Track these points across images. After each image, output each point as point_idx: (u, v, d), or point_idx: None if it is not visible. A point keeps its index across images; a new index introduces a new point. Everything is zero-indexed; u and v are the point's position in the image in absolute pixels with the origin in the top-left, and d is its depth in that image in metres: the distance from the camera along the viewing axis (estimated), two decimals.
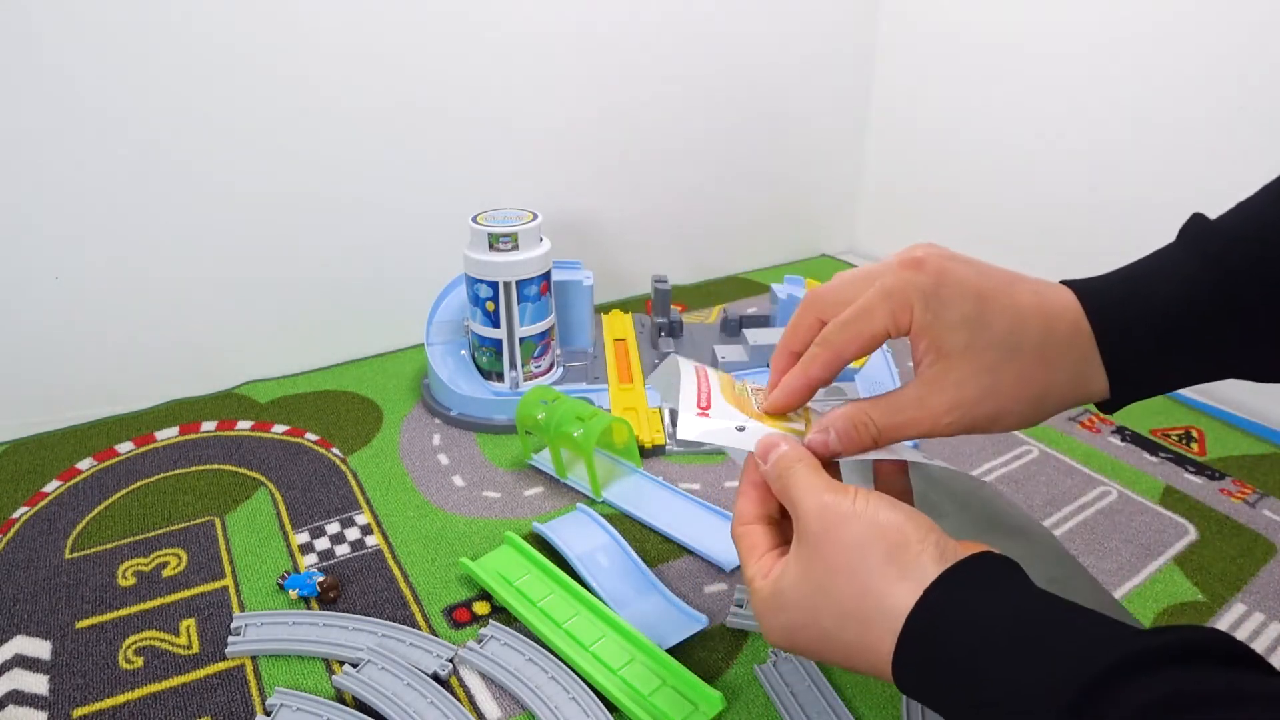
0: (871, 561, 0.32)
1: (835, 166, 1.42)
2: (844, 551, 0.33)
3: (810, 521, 0.34)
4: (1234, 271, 0.39)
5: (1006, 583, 0.31)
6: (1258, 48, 0.88)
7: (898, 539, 0.32)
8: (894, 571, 0.31)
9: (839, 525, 0.33)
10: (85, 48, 0.82)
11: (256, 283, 0.99)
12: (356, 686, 0.59)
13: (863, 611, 0.31)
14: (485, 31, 1.01)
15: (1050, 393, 0.40)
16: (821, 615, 0.32)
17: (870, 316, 0.42)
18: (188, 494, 0.81)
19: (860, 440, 0.42)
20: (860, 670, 0.33)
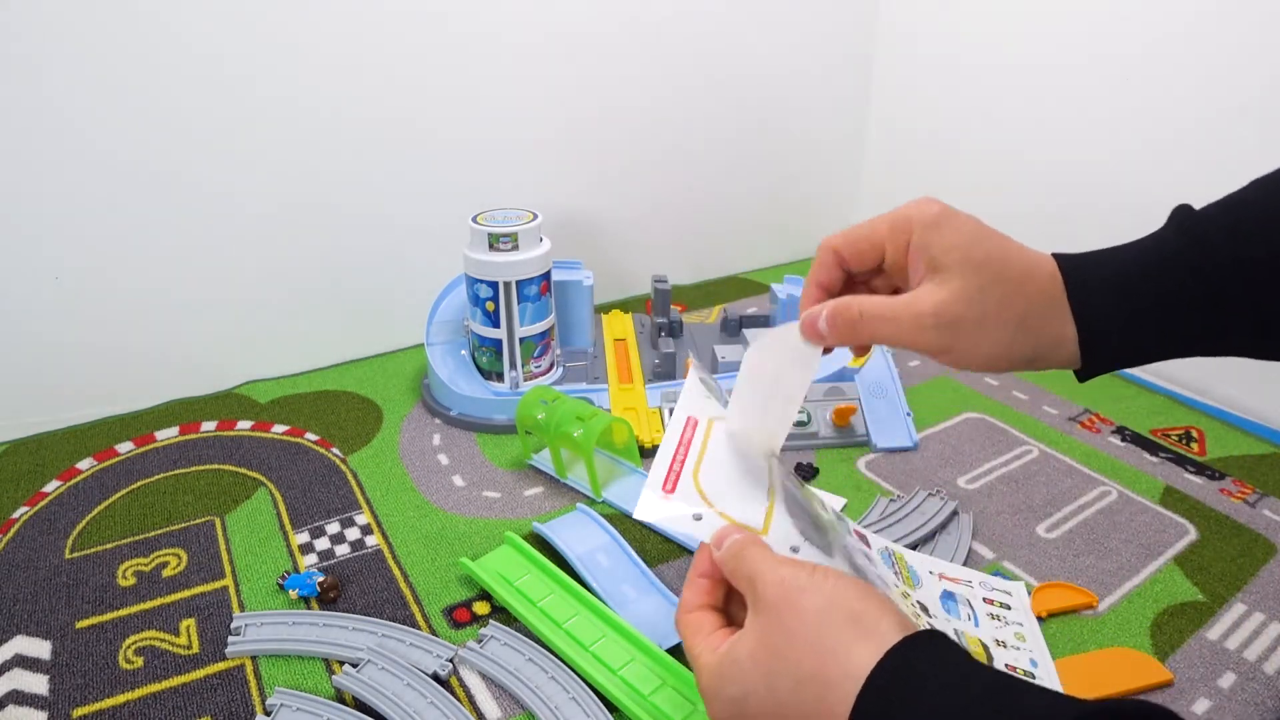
0: (833, 626, 0.32)
1: (834, 167, 1.42)
2: (804, 617, 0.33)
3: (770, 591, 0.34)
4: (1202, 239, 0.42)
5: (961, 655, 0.32)
6: (1255, 51, 0.88)
7: (858, 606, 0.33)
8: (854, 633, 0.32)
9: (799, 594, 0.34)
10: (86, 49, 0.82)
11: (256, 283, 0.99)
12: (356, 686, 0.59)
13: (823, 674, 0.31)
14: (485, 33, 1.01)
15: (1028, 323, 0.42)
16: (778, 680, 0.32)
17: (873, 229, 0.46)
18: (188, 494, 0.81)
19: (846, 318, 0.43)
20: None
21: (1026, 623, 0.63)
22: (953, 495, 0.81)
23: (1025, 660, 0.59)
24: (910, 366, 1.06)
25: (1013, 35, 1.13)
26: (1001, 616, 0.63)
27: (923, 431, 0.91)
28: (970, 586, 0.66)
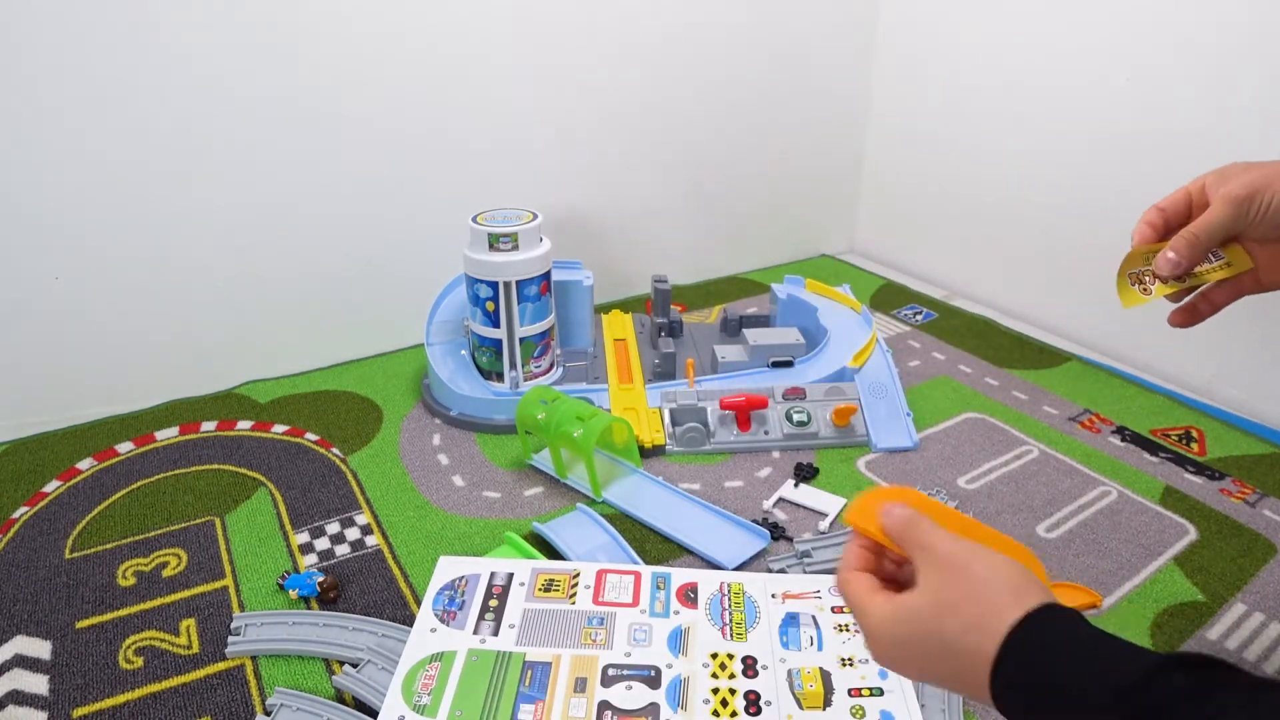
0: (996, 589, 0.40)
1: (835, 167, 1.42)
2: (974, 581, 0.40)
3: (945, 559, 0.42)
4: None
5: (1083, 621, 0.39)
6: (1256, 52, 0.88)
7: (1017, 579, 0.40)
8: (1012, 597, 0.39)
9: (971, 561, 0.41)
10: (86, 49, 0.82)
11: (256, 283, 0.99)
12: (356, 686, 0.59)
13: (984, 623, 0.39)
14: (486, 34, 1.01)
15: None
16: (946, 626, 0.40)
17: (1179, 192, 0.57)
18: (188, 494, 0.81)
19: (1185, 240, 0.54)
20: (960, 677, 0.40)
21: None
22: (953, 495, 0.81)
23: (874, 673, 0.59)
24: (910, 367, 1.06)
25: (1013, 36, 1.13)
26: (852, 625, 0.63)
27: (923, 431, 0.91)
28: (819, 597, 0.66)
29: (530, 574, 0.68)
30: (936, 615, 0.41)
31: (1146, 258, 0.57)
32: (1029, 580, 0.41)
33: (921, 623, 0.41)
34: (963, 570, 0.41)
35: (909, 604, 0.42)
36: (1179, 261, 0.55)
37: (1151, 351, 1.06)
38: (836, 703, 0.57)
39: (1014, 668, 0.38)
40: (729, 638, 0.62)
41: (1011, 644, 0.38)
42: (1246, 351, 0.97)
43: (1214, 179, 0.55)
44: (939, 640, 0.40)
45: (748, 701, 0.57)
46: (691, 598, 0.66)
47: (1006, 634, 0.38)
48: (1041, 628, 0.38)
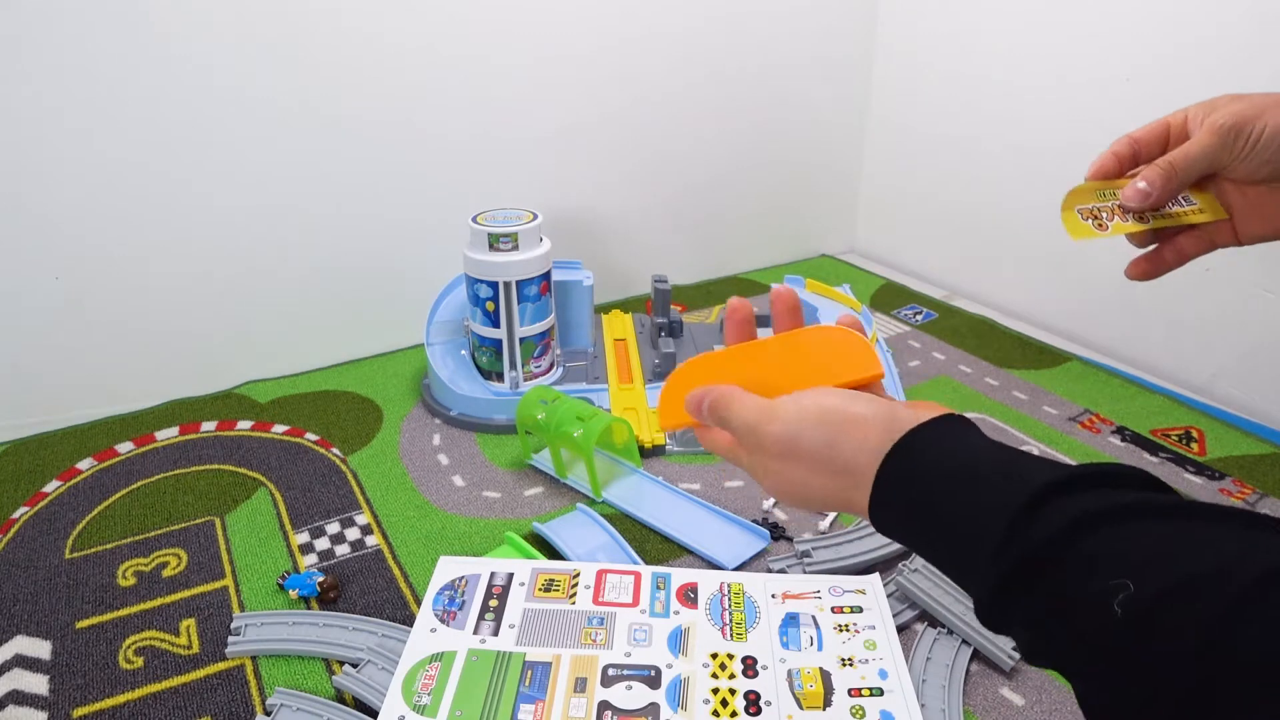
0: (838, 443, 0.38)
1: (835, 167, 1.42)
2: (813, 449, 0.39)
3: (773, 445, 0.40)
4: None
5: (956, 438, 0.36)
6: (1256, 52, 0.88)
7: (880, 420, 0.38)
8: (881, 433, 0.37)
9: (799, 437, 0.39)
10: (87, 50, 0.82)
11: (256, 283, 0.99)
12: (356, 686, 0.59)
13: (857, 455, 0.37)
14: (486, 34, 1.01)
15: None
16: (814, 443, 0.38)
17: (1157, 123, 0.53)
18: (188, 494, 0.81)
19: (1161, 170, 0.49)
20: (840, 495, 0.38)
21: (880, 623, 0.64)
22: None
23: (874, 673, 0.59)
24: (910, 367, 1.06)
25: (1013, 36, 1.13)
26: (852, 625, 0.63)
27: None
28: (819, 597, 0.66)
29: (530, 574, 0.68)
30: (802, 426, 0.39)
31: (1102, 193, 0.52)
32: (895, 415, 0.38)
33: (799, 420, 0.39)
34: (796, 448, 0.39)
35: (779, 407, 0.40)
36: (1149, 193, 0.49)
37: (1151, 351, 1.06)
38: (836, 703, 0.57)
39: (885, 489, 0.36)
40: (729, 638, 0.62)
41: (886, 466, 0.36)
42: (1246, 351, 0.97)
43: (1199, 109, 0.51)
44: (823, 450, 0.38)
45: (748, 701, 0.57)
46: (691, 598, 0.66)
47: (886, 453, 0.36)
48: (921, 441, 0.36)
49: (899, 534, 0.37)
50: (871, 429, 0.37)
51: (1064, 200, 0.51)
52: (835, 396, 0.40)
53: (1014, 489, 0.32)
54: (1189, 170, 0.49)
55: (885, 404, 0.39)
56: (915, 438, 0.36)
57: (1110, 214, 0.51)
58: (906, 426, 0.36)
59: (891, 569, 0.70)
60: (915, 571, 0.67)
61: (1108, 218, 0.51)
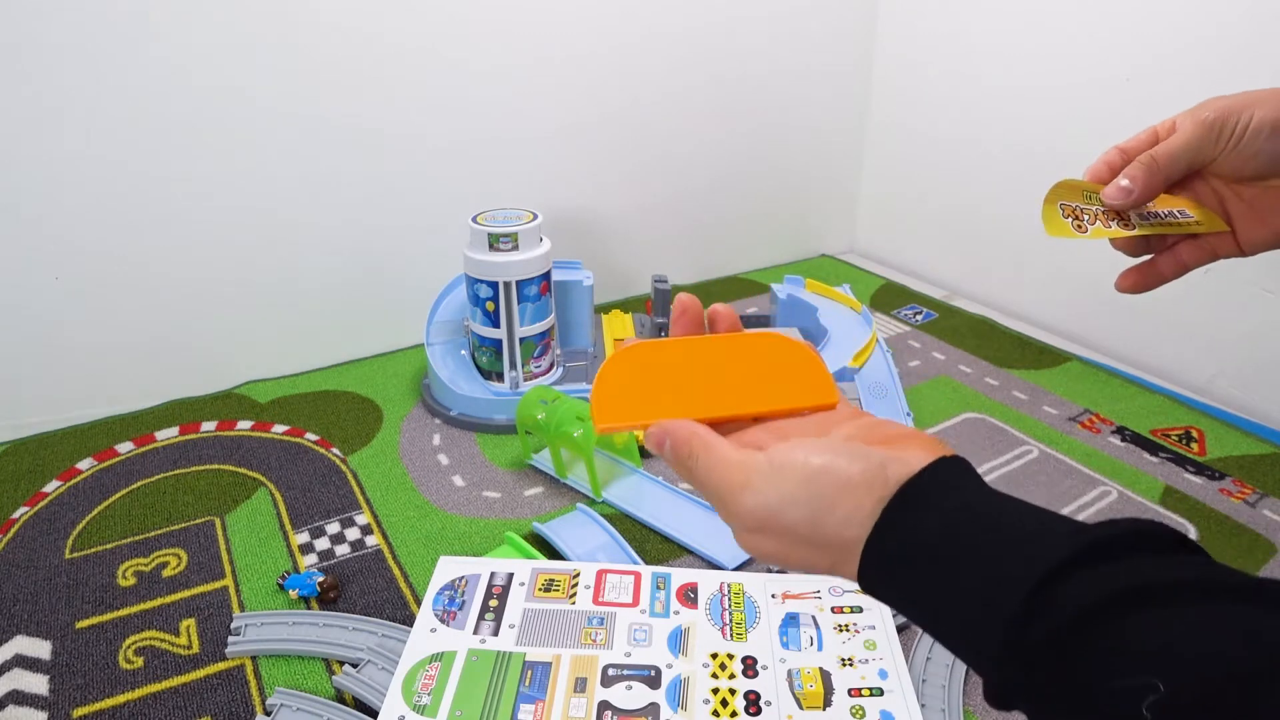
0: (825, 509, 0.33)
1: (835, 167, 1.42)
2: (798, 513, 0.34)
3: (751, 516, 0.35)
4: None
5: (953, 492, 0.33)
6: (1256, 52, 0.88)
7: (859, 478, 0.33)
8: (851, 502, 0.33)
9: (782, 511, 0.34)
10: (87, 52, 0.82)
11: (256, 283, 0.99)
12: (356, 686, 0.59)
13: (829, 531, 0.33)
14: (486, 34, 1.01)
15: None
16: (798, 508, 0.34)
17: (1144, 131, 0.50)
18: (188, 494, 0.81)
19: (1142, 165, 0.47)
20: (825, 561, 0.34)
21: (880, 623, 0.64)
22: None
23: (874, 673, 0.59)
24: (910, 367, 1.06)
25: (1013, 37, 1.13)
26: (852, 625, 0.63)
27: (923, 431, 0.91)
28: (819, 597, 0.66)
29: (530, 574, 0.68)
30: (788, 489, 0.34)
31: (1089, 194, 0.49)
32: (864, 474, 0.33)
33: (782, 486, 0.34)
34: (778, 516, 0.34)
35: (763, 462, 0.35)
36: (1131, 189, 0.47)
37: (1151, 351, 1.06)
38: (836, 703, 0.57)
39: (876, 563, 0.32)
40: (729, 638, 0.62)
41: (877, 536, 0.32)
42: (1246, 351, 0.97)
43: (1186, 112, 0.48)
44: (808, 519, 0.34)
45: (748, 701, 0.57)
46: (691, 598, 0.66)
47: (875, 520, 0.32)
48: (915, 502, 0.32)
49: (894, 604, 0.34)
50: (861, 497, 0.33)
51: (1049, 192, 0.49)
52: (817, 456, 0.34)
53: (1028, 559, 0.29)
54: (1172, 163, 0.47)
55: (873, 459, 0.34)
56: (908, 498, 0.32)
57: (1093, 217, 0.49)
58: (897, 484, 0.33)
59: None
60: None
61: (1089, 220, 0.49)
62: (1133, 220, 0.48)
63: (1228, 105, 0.46)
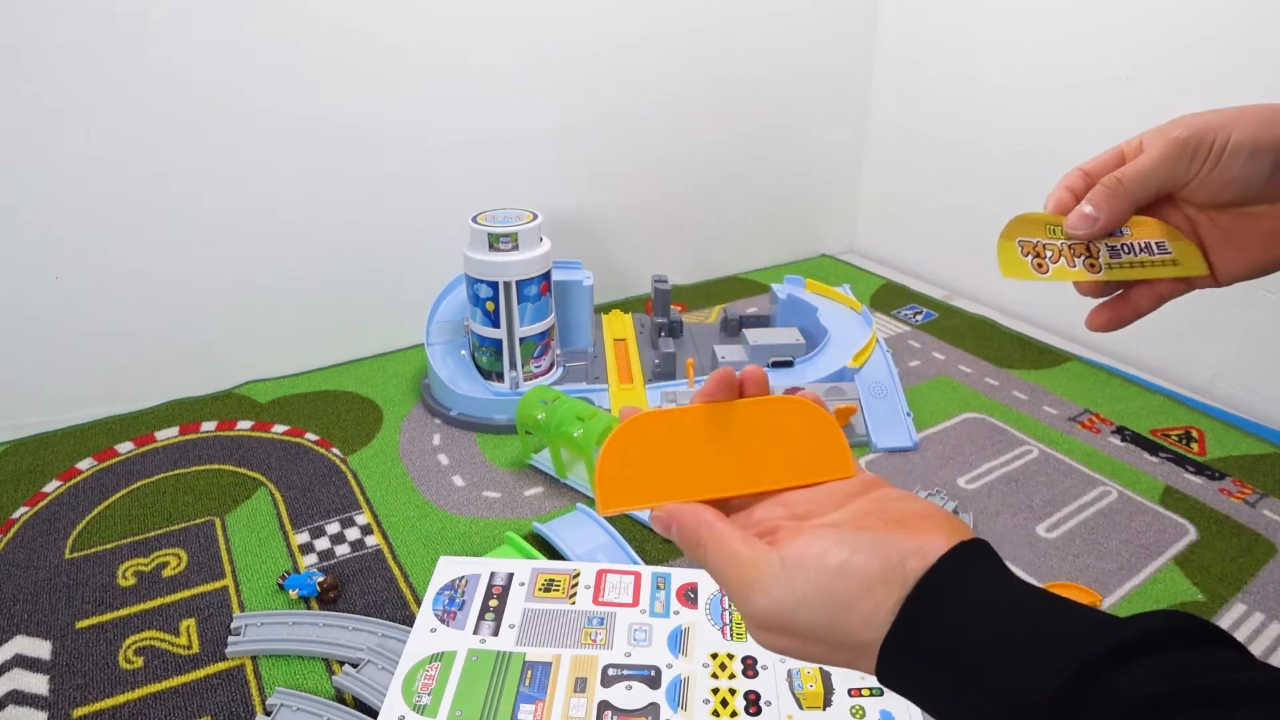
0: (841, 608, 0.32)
1: (835, 168, 1.42)
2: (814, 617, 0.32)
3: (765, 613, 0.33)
4: None
5: (974, 584, 0.31)
6: (1256, 52, 0.88)
7: (877, 572, 0.32)
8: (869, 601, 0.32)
9: (795, 611, 0.32)
10: (88, 53, 0.82)
11: (256, 283, 0.99)
12: (356, 686, 0.59)
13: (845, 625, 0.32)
14: (486, 34, 1.01)
15: (1278, 113, 0.39)
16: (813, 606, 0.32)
17: (1110, 150, 0.45)
18: (188, 494, 0.81)
19: (1107, 188, 0.42)
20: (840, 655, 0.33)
21: None
22: (953, 495, 0.81)
23: None
24: (910, 367, 1.06)
25: (1012, 37, 1.13)
26: None
27: (923, 431, 0.91)
28: None
29: (530, 574, 0.68)
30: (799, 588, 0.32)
31: (1052, 228, 0.44)
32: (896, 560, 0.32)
33: (792, 585, 0.33)
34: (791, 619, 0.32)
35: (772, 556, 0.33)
36: (1095, 216, 0.42)
37: (1151, 351, 1.06)
38: (836, 703, 0.57)
39: (895, 663, 0.31)
40: (729, 638, 0.62)
41: (894, 638, 0.31)
42: (1246, 351, 0.97)
43: (1155, 130, 0.43)
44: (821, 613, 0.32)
45: (748, 701, 0.57)
46: (691, 598, 0.66)
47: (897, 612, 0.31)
48: (933, 600, 0.31)
49: (915, 700, 0.32)
50: (880, 596, 0.31)
51: (1006, 226, 0.43)
52: (833, 554, 0.32)
53: (1050, 662, 0.27)
54: (1140, 186, 0.42)
55: (891, 554, 0.32)
56: (927, 593, 0.31)
57: (1057, 254, 0.43)
58: (916, 578, 0.31)
59: None
60: None
61: (1052, 258, 0.43)
62: (1101, 258, 0.43)
63: (1202, 124, 0.41)
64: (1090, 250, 0.43)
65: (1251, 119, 0.40)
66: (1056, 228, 0.43)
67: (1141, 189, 0.42)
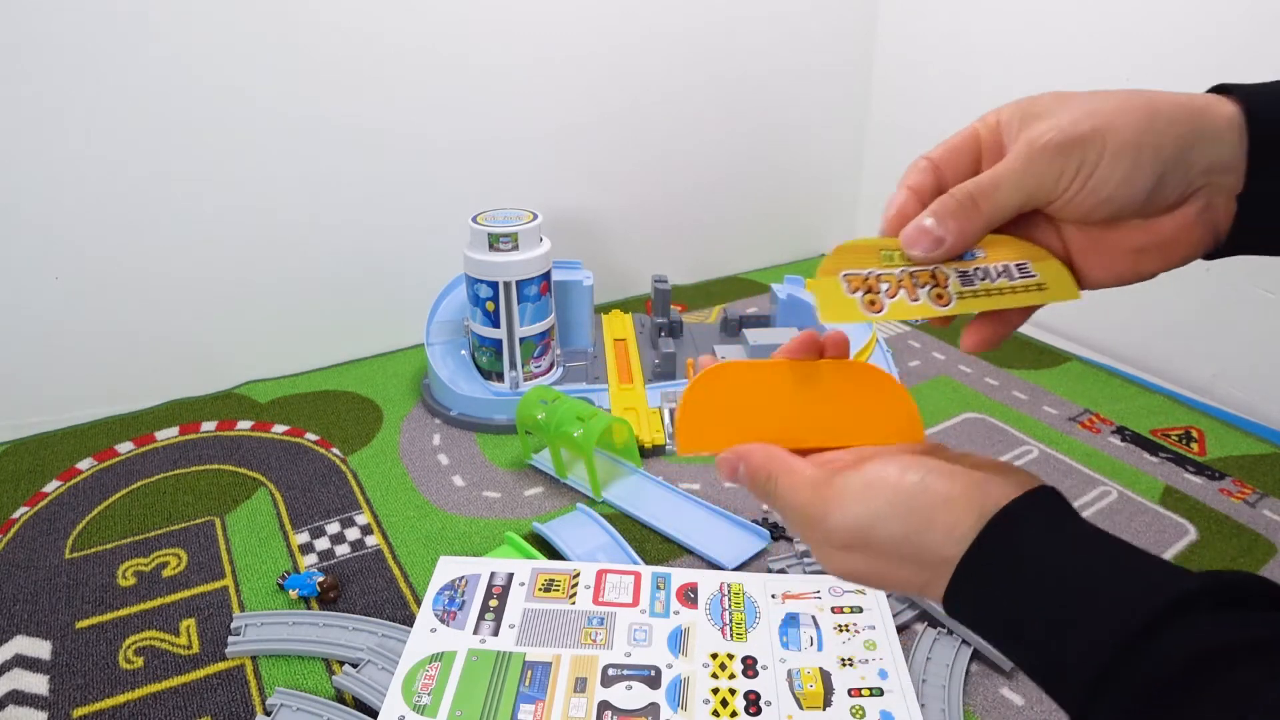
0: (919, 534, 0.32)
1: (835, 167, 1.42)
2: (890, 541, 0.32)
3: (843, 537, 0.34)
4: None
5: (1053, 522, 0.31)
6: (1257, 51, 0.88)
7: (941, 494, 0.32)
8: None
9: (872, 529, 0.33)
10: (88, 53, 0.82)
11: (256, 283, 0.99)
12: (356, 686, 0.59)
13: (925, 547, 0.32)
14: (486, 34, 1.01)
15: (1159, 114, 0.33)
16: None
17: (961, 133, 0.38)
18: (188, 494, 0.81)
19: (957, 201, 0.34)
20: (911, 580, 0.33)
21: (880, 623, 0.64)
22: None
23: (874, 674, 0.59)
24: (910, 367, 1.06)
25: (1012, 38, 1.13)
26: (852, 625, 0.63)
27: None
28: (819, 597, 0.66)
29: (530, 574, 0.68)
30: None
31: (886, 254, 0.36)
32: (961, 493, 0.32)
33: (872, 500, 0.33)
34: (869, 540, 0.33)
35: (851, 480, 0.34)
36: (941, 238, 0.34)
37: (1151, 351, 1.06)
38: (836, 703, 0.57)
39: (971, 584, 0.31)
40: (729, 638, 0.62)
41: (973, 557, 0.30)
42: (1246, 351, 0.97)
43: (1013, 113, 0.36)
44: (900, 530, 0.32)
45: (748, 701, 0.57)
46: (691, 598, 0.66)
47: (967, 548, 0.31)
48: (1016, 528, 0.30)
49: (980, 629, 0.32)
50: (961, 512, 0.31)
51: (826, 260, 0.36)
52: (911, 472, 0.32)
53: (1124, 605, 0.27)
54: (997, 207, 0.34)
55: (972, 479, 0.32)
56: (1008, 524, 0.31)
57: (895, 286, 0.35)
58: (997, 505, 0.31)
59: None
60: None
61: (889, 292, 0.35)
62: (950, 286, 0.35)
63: (1074, 125, 0.33)
64: (937, 277, 0.35)
65: (1131, 122, 0.33)
66: (895, 253, 0.36)
67: (998, 210, 0.34)
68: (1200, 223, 0.34)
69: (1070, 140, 0.33)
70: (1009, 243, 0.36)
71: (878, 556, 0.33)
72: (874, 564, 0.33)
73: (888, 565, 0.33)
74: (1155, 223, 0.34)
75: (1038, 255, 0.36)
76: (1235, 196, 0.33)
